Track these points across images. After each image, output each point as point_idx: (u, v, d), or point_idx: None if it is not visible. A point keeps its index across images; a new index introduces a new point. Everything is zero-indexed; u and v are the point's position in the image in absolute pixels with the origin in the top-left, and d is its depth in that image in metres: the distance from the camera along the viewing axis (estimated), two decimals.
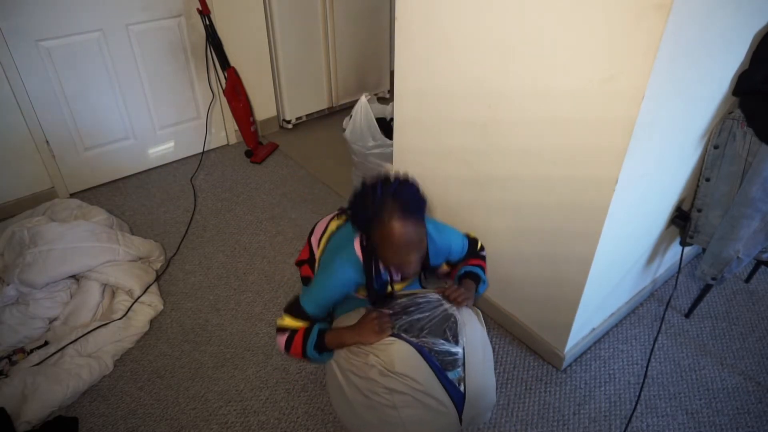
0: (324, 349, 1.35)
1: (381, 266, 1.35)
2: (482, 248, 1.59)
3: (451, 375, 1.24)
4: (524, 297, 1.85)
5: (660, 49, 1.14)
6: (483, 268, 1.52)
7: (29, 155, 2.49)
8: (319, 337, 1.34)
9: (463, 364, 1.26)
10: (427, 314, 1.28)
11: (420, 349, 1.23)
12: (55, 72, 2.41)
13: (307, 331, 1.35)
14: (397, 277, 1.43)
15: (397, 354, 1.22)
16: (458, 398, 1.25)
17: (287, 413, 1.70)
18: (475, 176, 1.78)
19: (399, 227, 1.19)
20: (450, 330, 1.27)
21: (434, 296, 1.34)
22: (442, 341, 1.25)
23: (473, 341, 1.31)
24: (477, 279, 1.48)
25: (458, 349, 1.26)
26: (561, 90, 1.37)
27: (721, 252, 1.73)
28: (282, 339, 1.37)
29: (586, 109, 1.34)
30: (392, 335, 1.26)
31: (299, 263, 1.69)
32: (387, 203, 1.20)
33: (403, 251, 1.23)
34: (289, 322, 1.37)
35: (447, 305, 1.31)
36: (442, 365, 1.23)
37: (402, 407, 1.23)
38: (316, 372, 1.83)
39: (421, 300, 1.32)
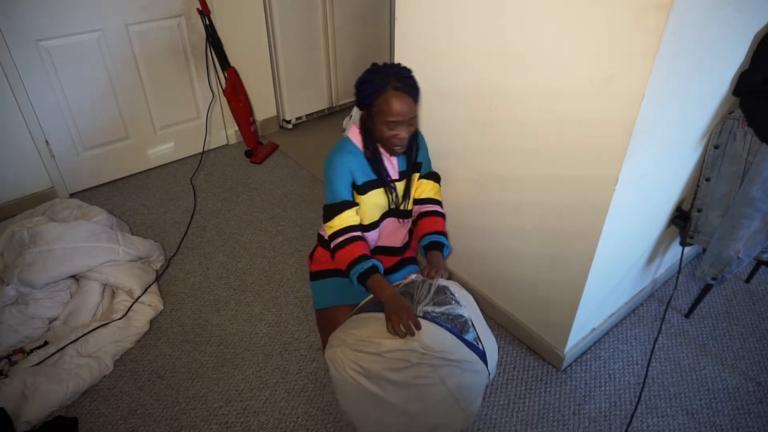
0: (365, 283, 1.45)
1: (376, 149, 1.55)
2: (440, 199, 1.73)
3: (468, 337, 1.32)
4: (524, 297, 1.85)
5: (660, 49, 1.14)
6: (444, 233, 1.65)
7: (29, 155, 2.49)
8: (367, 271, 1.45)
9: (472, 324, 1.36)
10: (423, 292, 1.39)
11: (440, 324, 1.31)
12: (55, 72, 2.41)
13: (361, 257, 1.47)
14: (387, 164, 1.59)
15: (428, 334, 1.28)
16: (481, 354, 1.34)
17: (287, 413, 1.70)
18: (475, 176, 1.78)
19: (397, 97, 1.42)
20: (449, 296, 1.38)
21: (418, 278, 1.46)
22: (450, 307, 1.35)
23: (469, 302, 1.44)
24: (441, 246, 1.60)
25: (464, 311, 1.36)
26: (561, 90, 1.37)
27: (721, 252, 1.73)
28: (336, 242, 1.51)
29: (586, 109, 1.34)
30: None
31: (311, 255, 1.84)
32: (390, 78, 1.43)
33: (397, 121, 1.44)
34: (329, 227, 1.52)
35: (431, 281, 1.43)
36: (459, 331, 1.31)
37: (448, 378, 1.28)
38: (316, 372, 1.83)
39: (411, 284, 1.43)
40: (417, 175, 1.70)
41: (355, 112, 2.42)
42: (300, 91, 3.24)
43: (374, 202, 1.60)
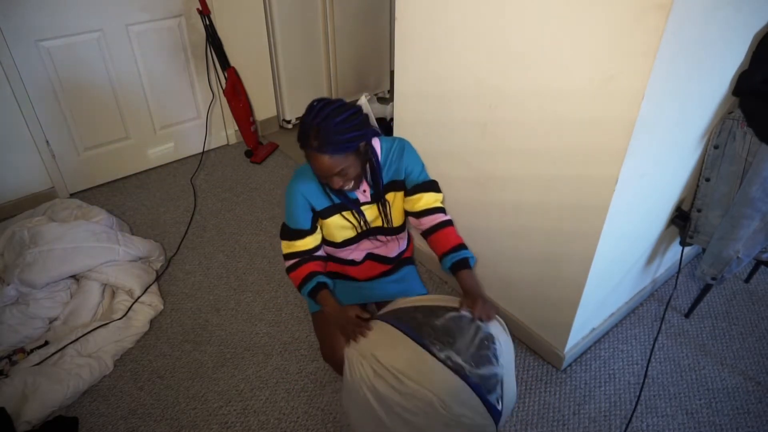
0: (315, 299, 1.51)
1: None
2: (443, 206, 1.61)
3: (491, 397, 1.26)
4: (524, 297, 1.85)
5: (660, 49, 1.14)
6: (463, 245, 1.53)
7: (29, 155, 2.49)
8: (316, 288, 1.50)
9: (501, 382, 1.29)
10: (467, 339, 1.28)
11: (472, 384, 1.24)
12: (55, 72, 2.41)
13: (310, 275, 1.51)
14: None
15: (453, 392, 1.23)
16: (497, 415, 1.28)
17: (287, 413, 1.70)
18: (475, 176, 1.78)
19: (315, 158, 1.34)
20: (491, 352, 1.28)
21: (466, 315, 1.33)
22: (488, 368, 1.26)
23: (507, 357, 1.34)
24: (467, 263, 1.48)
25: (499, 369, 1.28)
26: (561, 90, 1.37)
27: (721, 252, 1.73)
28: (288, 263, 1.56)
29: (586, 109, 1.34)
30: (445, 365, 1.25)
31: None
32: (310, 136, 1.32)
33: (323, 176, 1.38)
34: (284, 246, 1.56)
35: (479, 323, 1.31)
36: (486, 391, 1.25)
37: None
38: (316, 372, 1.83)
39: (456, 320, 1.32)
40: (398, 194, 1.58)
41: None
42: (300, 91, 3.24)
43: (341, 225, 1.56)
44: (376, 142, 1.52)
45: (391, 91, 3.67)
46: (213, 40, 2.66)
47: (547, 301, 1.76)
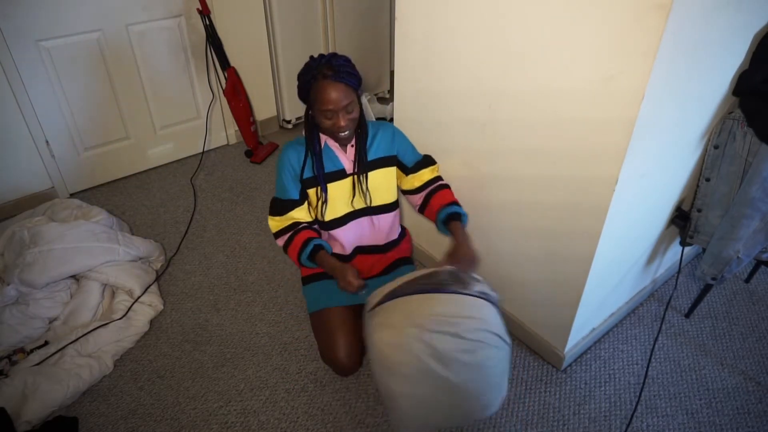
0: (314, 261, 1.57)
1: (324, 141, 1.57)
2: (439, 175, 1.75)
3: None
4: (524, 297, 1.85)
5: (660, 49, 1.14)
6: (456, 202, 1.67)
7: (29, 155, 2.49)
8: (313, 250, 1.56)
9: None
10: (471, 279, 1.39)
11: (497, 309, 1.36)
12: (55, 72, 2.41)
13: (306, 241, 1.57)
14: (342, 157, 1.60)
15: (495, 319, 1.33)
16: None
17: (287, 413, 1.70)
18: (475, 176, 1.78)
19: (328, 85, 1.43)
20: (480, 282, 1.40)
21: (459, 271, 1.43)
22: (493, 292, 1.40)
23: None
24: (459, 217, 1.62)
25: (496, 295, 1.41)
26: (561, 90, 1.37)
27: (721, 252, 1.73)
28: (281, 241, 1.62)
29: (586, 109, 1.34)
30: (480, 297, 1.35)
31: None
32: (321, 68, 1.45)
33: (331, 109, 1.44)
34: (274, 223, 1.62)
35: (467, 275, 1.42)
36: (500, 313, 1.37)
37: (504, 359, 1.33)
38: (316, 372, 1.83)
39: (454, 273, 1.42)
40: (388, 170, 1.66)
41: None
42: None
43: (331, 194, 1.61)
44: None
45: (391, 91, 3.67)
46: (213, 40, 2.66)
47: (547, 301, 1.76)
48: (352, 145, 1.59)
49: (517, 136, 1.56)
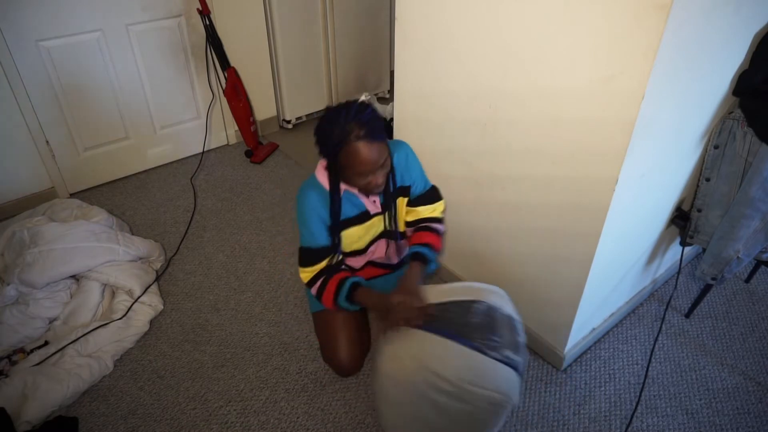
0: (354, 300, 1.46)
1: (344, 188, 1.45)
2: (442, 217, 1.65)
3: (521, 373, 1.32)
4: (524, 297, 1.85)
5: (660, 49, 1.14)
6: (429, 245, 1.57)
7: (29, 155, 2.49)
8: (351, 289, 1.46)
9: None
10: (504, 329, 1.31)
11: (520, 372, 1.30)
12: (55, 72, 2.41)
13: (341, 282, 1.47)
14: (364, 199, 1.50)
15: (512, 385, 1.27)
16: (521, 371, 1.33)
17: (287, 413, 1.70)
18: (475, 176, 1.78)
19: (365, 149, 1.29)
20: (518, 333, 1.33)
21: (487, 303, 1.35)
22: (524, 348, 1.33)
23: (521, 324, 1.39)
24: (424, 258, 1.53)
25: (522, 340, 1.35)
26: (561, 90, 1.37)
27: (721, 252, 1.73)
28: (314, 289, 1.51)
29: (586, 109, 1.34)
30: (503, 363, 1.27)
31: None
32: (352, 128, 1.28)
33: (369, 172, 1.33)
34: (307, 273, 1.51)
35: (498, 308, 1.34)
36: (520, 372, 1.30)
37: (498, 416, 1.30)
38: (316, 372, 1.83)
39: (488, 314, 1.34)
40: (404, 199, 1.59)
41: None
42: (300, 91, 3.25)
43: (351, 236, 1.54)
44: None
45: (391, 91, 3.67)
46: (213, 40, 2.66)
47: (547, 301, 1.76)
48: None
49: (517, 136, 1.56)
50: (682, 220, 1.86)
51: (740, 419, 1.70)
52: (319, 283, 1.50)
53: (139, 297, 2.01)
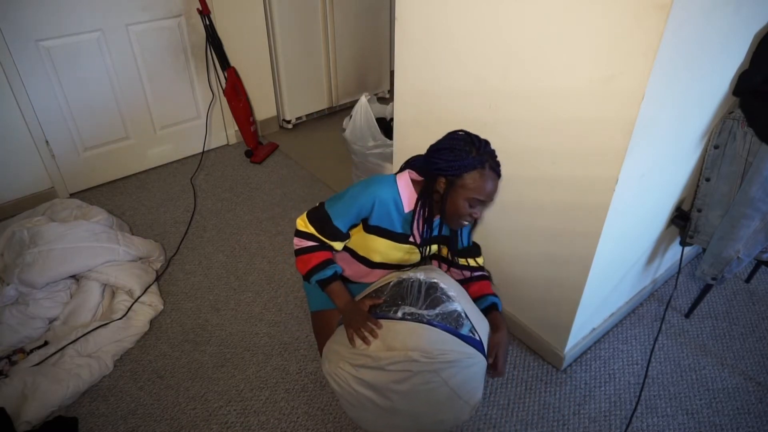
0: (325, 288, 1.46)
1: (426, 213, 1.45)
2: (483, 266, 1.69)
3: (463, 331, 1.34)
4: (524, 297, 1.85)
5: (660, 49, 1.14)
6: (494, 294, 1.62)
7: (29, 155, 2.49)
8: (329, 278, 1.45)
9: (466, 315, 1.37)
10: (414, 294, 1.38)
11: (436, 325, 1.31)
12: (55, 72, 2.41)
13: (326, 262, 1.46)
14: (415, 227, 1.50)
15: (426, 339, 1.29)
16: (478, 344, 1.36)
17: (287, 413, 1.70)
18: None
19: (493, 180, 1.38)
20: (441, 293, 1.39)
21: (406, 278, 1.43)
22: (444, 306, 1.36)
23: (458, 291, 1.44)
24: (497, 307, 1.58)
25: (457, 305, 1.38)
26: (561, 90, 1.37)
27: (721, 252, 1.73)
28: (300, 242, 1.48)
29: (586, 109, 1.34)
30: (405, 320, 1.33)
31: None
32: (488, 157, 1.38)
33: (481, 202, 1.39)
34: (305, 226, 1.48)
35: (419, 277, 1.42)
36: (455, 327, 1.33)
37: (450, 379, 1.30)
38: (316, 372, 1.83)
39: (400, 285, 1.42)
40: (442, 247, 1.63)
41: (356, 114, 2.42)
42: (300, 91, 3.25)
43: (377, 248, 1.54)
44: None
45: (391, 91, 3.67)
46: (213, 40, 2.66)
47: (547, 301, 1.76)
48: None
49: (517, 136, 1.56)
50: (682, 220, 1.86)
51: (740, 419, 1.70)
52: (308, 244, 1.47)
53: (139, 297, 2.01)
